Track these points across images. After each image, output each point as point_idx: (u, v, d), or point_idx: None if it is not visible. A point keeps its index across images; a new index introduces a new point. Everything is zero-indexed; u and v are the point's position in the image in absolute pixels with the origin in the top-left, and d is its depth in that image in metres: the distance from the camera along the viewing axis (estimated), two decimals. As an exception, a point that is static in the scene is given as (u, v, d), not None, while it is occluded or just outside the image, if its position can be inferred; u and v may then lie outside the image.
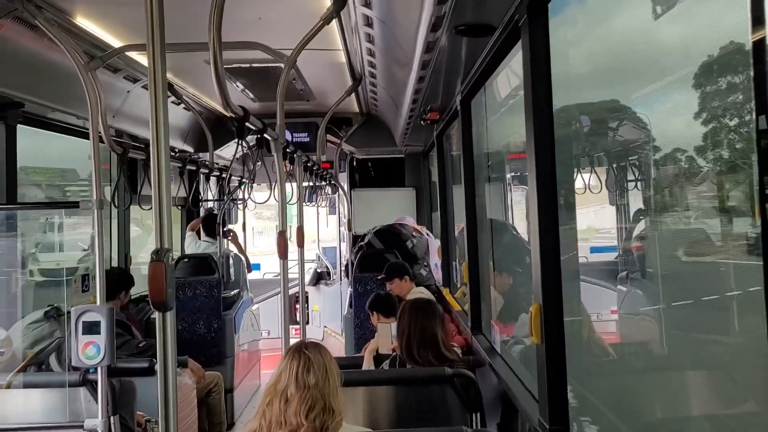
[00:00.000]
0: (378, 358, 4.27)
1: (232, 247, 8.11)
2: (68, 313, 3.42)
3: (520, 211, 4.29)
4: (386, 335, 4.37)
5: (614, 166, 3.45)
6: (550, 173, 2.53)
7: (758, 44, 1.35)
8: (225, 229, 7.54)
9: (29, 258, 5.12)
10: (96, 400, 3.41)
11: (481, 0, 2.75)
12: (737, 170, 1.75)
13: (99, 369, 3.33)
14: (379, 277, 6.12)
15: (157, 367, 1.85)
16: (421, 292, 5.46)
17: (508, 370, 3.57)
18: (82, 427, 3.38)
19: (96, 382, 3.39)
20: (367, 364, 4.27)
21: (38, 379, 3.87)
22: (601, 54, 2.61)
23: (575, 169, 3.03)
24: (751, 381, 1.65)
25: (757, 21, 1.37)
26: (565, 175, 2.67)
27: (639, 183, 2.96)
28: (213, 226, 7.50)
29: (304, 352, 2.60)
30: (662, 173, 2.33)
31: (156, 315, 1.79)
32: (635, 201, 3.16)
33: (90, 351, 3.29)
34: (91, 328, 3.29)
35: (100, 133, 3.65)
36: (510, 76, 3.76)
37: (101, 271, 3.44)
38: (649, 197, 2.64)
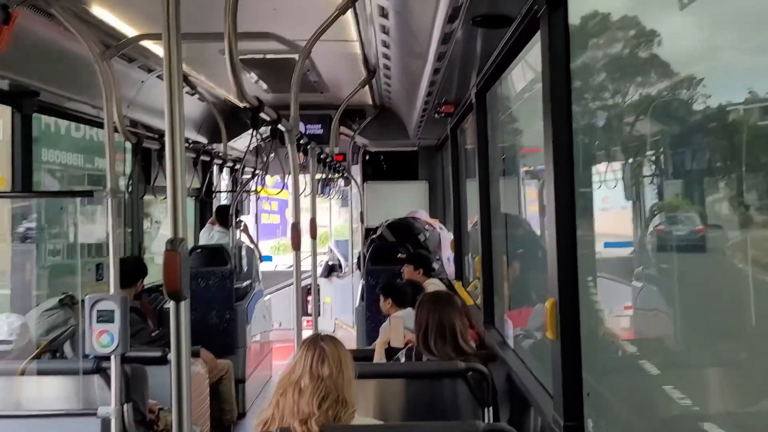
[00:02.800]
0: (389, 351, 4.26)
1: (244, 238, 8.13)
2: (82, 301, 3.44)
3: (535, 206, 4.26)
4: (399, 328, 4.36)
5: (630, 160, 3.41)
6: (568, 168, 2.50)
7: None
8: (237, 219, 7.56)
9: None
10: (109, 387, 3.43)
11: (499, -10, 2.72)
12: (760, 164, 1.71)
13: (112, 357, 3.35)
14: (399, 256, 6.12)
15: (170, 356, 1.85)
16: (436, 284, 5.44)
17: (521, 365, 3.55)
18: (95, 414, 3.40)
19: (109, 370, 3.40)
20: (379, 357, 4.26)
21: (52, 366, 3.90)
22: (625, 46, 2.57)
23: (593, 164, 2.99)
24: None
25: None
26: (581, 169, 2.63)
27: (656, 178, 2.92)
28: (226, 216, 7.52)
29: (320, 344, 2.61)
30: (679, 167, 2.29)
31: (170, 304, 1.78)
32: (652, 195, 3.12)
33: (104, 339, 3.30)
34: (105, 316, 3.31)
35: (114, 122, 3.66)
36: (525, 68, 3.72)
37: (115, 260, 3.45)
38: (665, 191, 2.60)
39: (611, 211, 2.80)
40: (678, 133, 2.25)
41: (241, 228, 7.83)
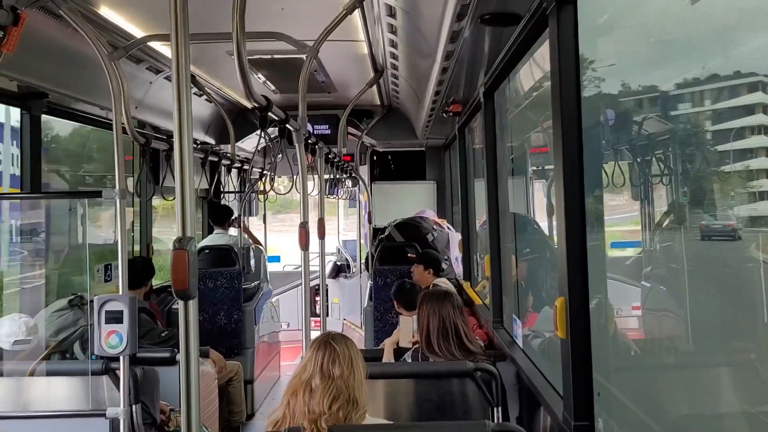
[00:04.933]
0: (397, 351, 4.25)
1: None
2: (91, 302, 3.44)
3: (543, 205, 4.24)
4: (407, 328, 4.35)
5: (638, 159, 3.39)
6: (578, 167, 2.49)
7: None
8: (233, 218, 7.51)
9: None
10: (118, 388, 3.43)
11: (507, -12, 2.71)
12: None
13: (121, 358, 3.35)
14: (409, 255, 6.10)
15: (179, 356, 1.84)
16: (444, 282, 5.43)
17: (530, 365, 3.53)
18: (104, 415, 3.40)
19: (118, 371, 3.41)
20: (388, 357, 4.25)
21: (61, 367, 3.91)
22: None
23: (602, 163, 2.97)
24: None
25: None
26: (590, 169, 2.62)
27: (664, 177, 2.89)
28: (222, 216, 7.44)
29: (331, 343, 2.59)
30: (689, 167, 2.27)
31: (179, 304, 1.78)
32: (660, 195, 3.10)
33: (113, 340, 3.30)
34: (114, 317, 3.31)
35: (123, 123, 3.66)
36: (534, 67, 3.70)
37: (124, 260, 3.45)
38: (674, 192, 2.58)
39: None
40: (691, 133, 2.23)
41: (236, 225, 7.70)
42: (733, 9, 1.72)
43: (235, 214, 7.57)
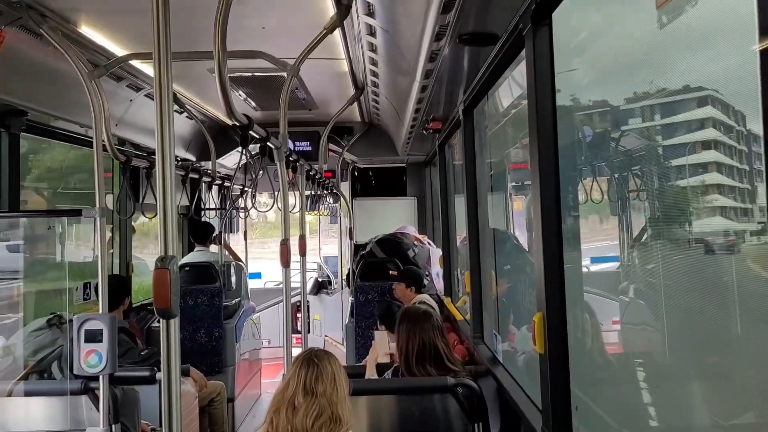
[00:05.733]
0: (378, 368, 4.25)
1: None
2: (70, 321, 3.42)
3: (523, 221, 4.29)
4: (383, 343, 4.36)
5: (616, 176, 3.45)
6: (554, 182, 2.53)
7: (765, 53, 1.35)
8: (214, 235, 7.49)
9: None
10: (97, 408, 3.40)
11: (484, 9, 2.76)
12: (740, 178, 1.74)
13: (100, 377, 3.33)
14: (390, 272, 6.11)
15: (159, 375, 1.84)
16: (424, 301, 5.44)
17: (510, 379, 3.55)
18: (83, 435, 3.38)
19: (97, 391, 3.38)
20: (370, 373, 4.25)
21: (40, 387, 3.86)
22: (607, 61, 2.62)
23: (579, 180, 3.03)
24: (753, 390, 1.64)
25: (764, 30, 1.37)
26: (567, 185, 2.67)
27: (641, 193, 2.95)
28: (203, 234, 7.41)
29: (314, 360, 2.59)
30: (664, 183, 2.33)
31: (161, 323, 1.78)
32: (637, 211, 3.15)
33: (92, 359, 3.28)
34: (93, 336, 3.29)
35: (103, 141, 3.66)
36: (512, 85, 3.76)
37: (103, 279, 3.44)
38: (650, 207, 2.63)
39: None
40: (665, 149, 2.28)
41: (219, 243, 7.67)
42: (698, 30, 1.77)
43: (217, 231, 7.55)
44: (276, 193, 3.96)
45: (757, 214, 1.68)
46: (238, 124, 2.95)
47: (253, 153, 4.92)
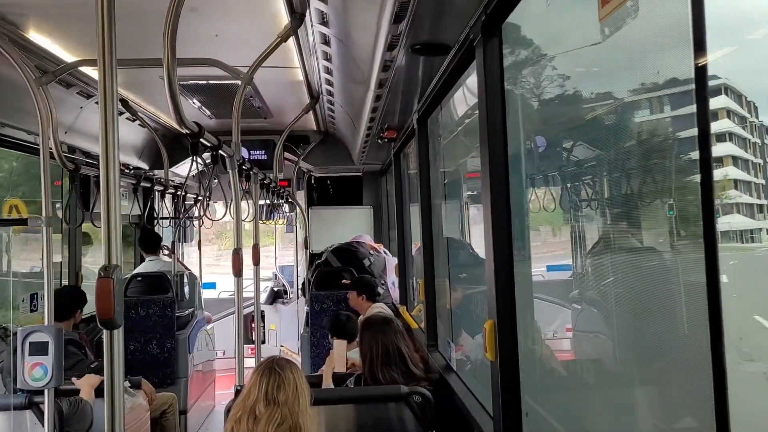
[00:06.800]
0: (335, 378, 4.23)
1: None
2: (15, 333, 3.32)
3: (477, 230, 4.33)
4: (341, 351, 4.34)
5: (568, 185, 3.51)
6: (504, 191, 2.57)
7: (700, 70, 1.40)
8: (163, 245, 7.35)
9: None
10: (42, 423, 3.31)
11: (436, 19, 2.78)
12: (684, 189, 1.79)
13: (46, 391, 3.23)
14: (343, 281, 6.10)
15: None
16: (381, 308, 5.44)
17: (463, 387, 3.58)
18: (27, 451, 3.28)
19: (42, 405, 3.29)
20: (326, 383, 4.23)
21: (-19, 402, 3.74)
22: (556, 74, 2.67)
23: (531, 188, 3.07)
24: (692, 396, 1.68)
25: (698, 46, 1.42)
26: (518, 194, 2.70)
27: (592, 202, 3.00)
28: (152, 243, 7.26)
29: (276, 369, 2.55)
30: (615, 192, 2.37)
31: (104, 334, 1.75)
32: (589, 220, 3.21)
33: (37, 372, 3.19)
34: (39, 348, 3.20)
35: (50, 149, 3.58)
36: (467, 94, 3.81)
37: (50, 290, 3.36)
38: (601, 216, 2.69)
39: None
40: (611, 158, 2.33)
41: (171, 253, 7.52)
42: (645, 36, 1.82)
43: (170, 240, 7.41)
44: (229, 202, 3.92)
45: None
46: (188, 131, 2.91)
47: (206, 161, 4.87)
